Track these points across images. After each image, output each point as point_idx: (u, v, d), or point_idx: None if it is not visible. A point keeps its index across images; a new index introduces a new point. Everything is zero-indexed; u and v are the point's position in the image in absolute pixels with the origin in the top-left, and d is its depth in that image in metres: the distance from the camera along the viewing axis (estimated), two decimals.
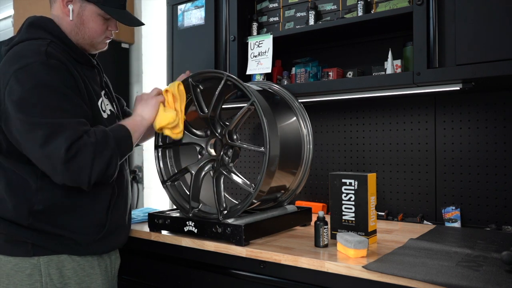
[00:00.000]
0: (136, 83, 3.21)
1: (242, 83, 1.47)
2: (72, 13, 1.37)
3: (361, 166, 2.07)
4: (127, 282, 1.73)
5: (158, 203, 2.96)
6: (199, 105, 1.59)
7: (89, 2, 1.36)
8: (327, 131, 2.16)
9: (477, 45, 1.45)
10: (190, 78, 1.58)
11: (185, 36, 2.18)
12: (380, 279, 1.13)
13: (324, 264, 1.23)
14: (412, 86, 1.62)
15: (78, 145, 1.19)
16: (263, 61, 1.95)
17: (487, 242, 1.42)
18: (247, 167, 2.40)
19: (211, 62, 2.07)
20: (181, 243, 1.54)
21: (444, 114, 1.86)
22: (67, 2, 1.37)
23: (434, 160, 1.88)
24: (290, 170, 1.65)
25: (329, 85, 1.80)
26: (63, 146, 1.17)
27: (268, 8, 2.07)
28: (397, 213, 1.95)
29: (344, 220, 1.45)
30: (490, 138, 1.76)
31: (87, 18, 1.38)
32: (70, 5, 1.37)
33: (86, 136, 1.22)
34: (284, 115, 1.67)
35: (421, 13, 1.55)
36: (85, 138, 1.21)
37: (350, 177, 1.44)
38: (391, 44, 1.91)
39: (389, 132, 1.99)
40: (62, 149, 1.16)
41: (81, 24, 1.38)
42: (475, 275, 1.07)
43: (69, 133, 1.18)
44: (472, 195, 1.79)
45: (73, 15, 1.37)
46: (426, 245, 1.36)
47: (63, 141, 1.17)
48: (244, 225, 1.41)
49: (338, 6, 1.87)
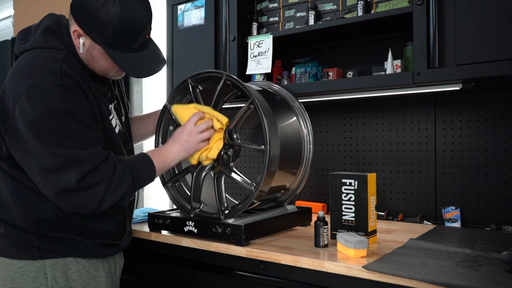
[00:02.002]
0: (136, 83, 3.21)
1: (241, 82, 1.47)
2: (82, 47, 1.27)
3: (361, 166, 2.07)
4: (127, 282, 1.73)
5: (158, 203, 2.96)
6: None
7: (97, 43, 1.26)
8: (327, 131, 2.16)
9: (477, 45, 1.45)
10: (190, 78, 1.58)
11: (185, 36, 2.18)
12: (380, 279, 1.13)
13: (324, 264, 1.23)
14: (412, 86, 1.62)
15: (91, 179, 1.16)
16: (263, 61, 1.95)
17: (487, 242, 1.42)
18: (247, 167, 2.40)
19: (211, 62, 2.07)
20: (181, 243, 1.54)
21: (444, 114, 1.86)
22: (78, 35, 1.27)
23: (434, 160, 1.88)
24: (290, 170, 1.65)
25: (329, 85, 1.80)
26: (74, 179, 1.14)
27: (268, 8, 2.07)
28: (397, 213, 1.95)
29: (344, 220, 1.45)
30: (490, 138, 1.76)
31: (97, 56, 1.29)
32: (82, 38, 1.27)
33: (103, 167, 1.19)
34: (284, 115, 1.67)
35: (421, 13, 1.55)
36: (101, 171, 1.18)
37: (350, 177, 1.44)
38: (391, 44, 1.91)
39: (389, 132, 1.99)
40: (72, 181, 1.14)
41: (91, 59, 1.30)
42: (475, 275, 1.07)
43: (82, 168, 1.15)
44: (472, 195, 1.79)
45: (83, 49, 1.28)
46: (426, 245, 1.36)
47: (75, 174, 1.14)
48: (244, 225, 1.41)
49: (338, 6, 1.87)
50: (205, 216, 1.52)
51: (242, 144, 1.53)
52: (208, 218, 1.51)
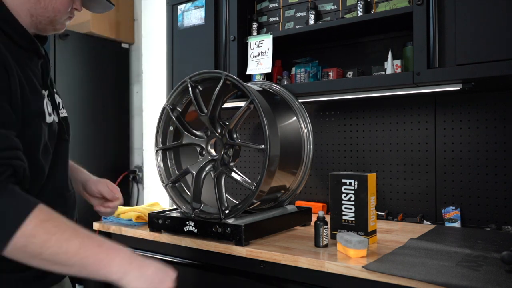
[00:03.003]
0: (136, 83, 3.21)
1: (240, 82, 1.47)
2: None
3: (361, 166, 2.07)
4: None
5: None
6: (198, 106, 1.59)
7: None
8: (327, 131, 2.16)
9: (477, 45, 1.45)
10: (189, 79, 1.58)
11: (185, 36, 2.18)
12: (380, 279, 1.13)
13: (324, 264, 1.23)
14: (412, 86, 1.62)
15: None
16: (263, 61, 1.95)
17: (487, 242, 1.42)
18: (247, 167, 2.40)
19: (211, 62, 2.07)
20: (181, 243, 1.54)
21: (444, 114, 1.86)
22: None
23: (434, 160, 1.88)
24: (290, 170, 1.65)
25: (329, 85, 1.80)
26: None
27: (268, 8, 2.07)
28: (397, 213, 1.95)
29: (344, 220, 1.45)
30: (490, 138, 1.76)
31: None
32: None
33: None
34: (284, 115, 1.67)
35: (421, 13, 1.55)
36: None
37: (350, 177, 1.44)
38: (391, 44, 1.91)
39: (389, 132, 1.99)
40: None
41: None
42: (475, 275, 1.07)
43: None
44: (472, 195, 1.79)
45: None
46: (426, 245, 1.36)
47: None
48: (244, 225, 1.41)
49: (338, 6, 1.87)
50: (206, 216, 1.53)
51: (242, 144, 1.53)
52: (208, 218, 1.51)
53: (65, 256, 0.80)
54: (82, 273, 0.83)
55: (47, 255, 0.80)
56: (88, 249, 0.83)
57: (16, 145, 0.87)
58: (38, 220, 0.80)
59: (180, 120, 1.64)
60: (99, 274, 0.84)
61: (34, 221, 0.79)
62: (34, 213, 0.80)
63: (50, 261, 0.81)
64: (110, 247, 0.86)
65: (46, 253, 0.79)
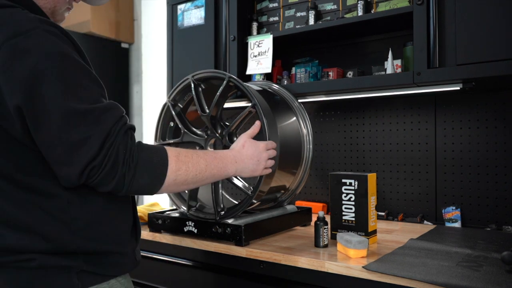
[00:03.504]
0: (136, 83, 3.21)
1: (244, 85, 1.46)
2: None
3: (361, 166, 2.07)
4: None
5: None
6: (200, 105, 1.59)
7: None
8: (327, 131, 2.16)
9: (477, 45, 1.45)
10: (192, 77, 1.58)
11: (185, 36, 2.18)
12: (380, 279, 1.13)
13: (324, 264, 1.23)
14: (412, 86, 1.62)
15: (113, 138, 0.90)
16: (263, 61, 1.95)
17: (488, 242, 1.42)
18: None
19: (211, 62, 2.07)
20: (181, 243, 1.54)
21: (444, 114, 1.86)
22: None
23: (434, 160, 1.88)
24: (290, 170, 1.65)
25: (329, 85, 1.79)
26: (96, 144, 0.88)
27: (268, 8, 2.07)
28: (397, 213, 1.95)
29: (344, 220, 1.45)
30: (490, 138, 1.76)
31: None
32: None
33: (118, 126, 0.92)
34: (284, 115, 1.67)
35: (421, 13, 1.54)
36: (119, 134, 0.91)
37: (350, 177, 1.44)
38: (391, 44, 1.91)
39: (389, 132, 1.99)
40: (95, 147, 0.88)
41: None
42: (476, 275, 1.07)
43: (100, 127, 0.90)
44: (472, 195, 1.79)
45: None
46: (426, 245, 1.36)
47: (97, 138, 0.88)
48: (244, 225, 1.40)
49: (338, 6, 1.87)
50: (202, 216, 1.52)
51: None
52: (206, 218, 1.50)
53: (201, 175, 1.06)
54: (211, 180, 1.12)
55: (190, 179, 1.03)
56: (211, 163, 1.10)
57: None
58: (174, 157, 0.99)
59: (180, 117, 1.64)
60: (221, 177, 1.16)
61: (173, 159, 0.99)
62: (169, 154, 0.99)
63: (191, 183, 1.05)
64: (222, 156, 1.16)
65: (189, 179, 1.03)
